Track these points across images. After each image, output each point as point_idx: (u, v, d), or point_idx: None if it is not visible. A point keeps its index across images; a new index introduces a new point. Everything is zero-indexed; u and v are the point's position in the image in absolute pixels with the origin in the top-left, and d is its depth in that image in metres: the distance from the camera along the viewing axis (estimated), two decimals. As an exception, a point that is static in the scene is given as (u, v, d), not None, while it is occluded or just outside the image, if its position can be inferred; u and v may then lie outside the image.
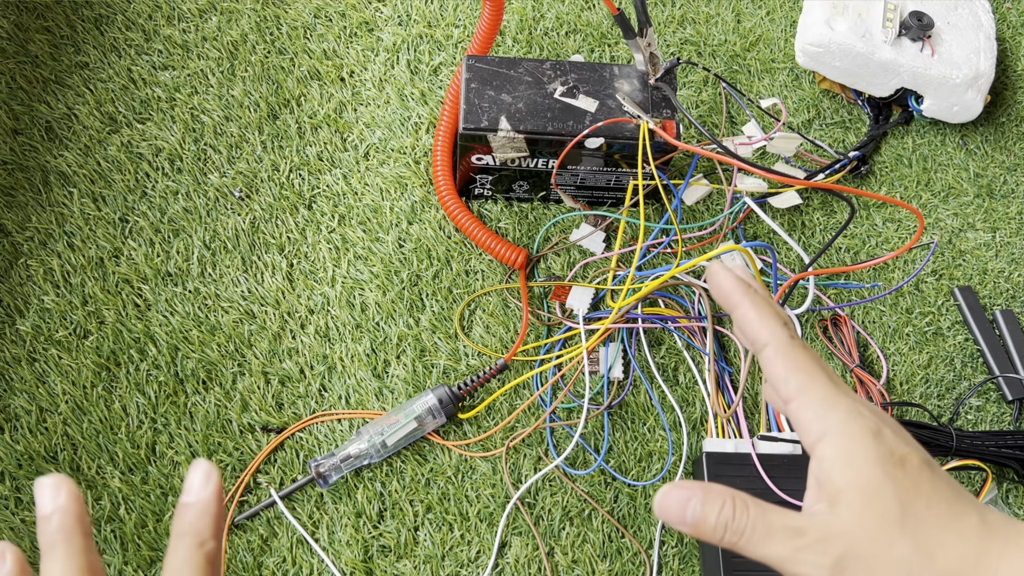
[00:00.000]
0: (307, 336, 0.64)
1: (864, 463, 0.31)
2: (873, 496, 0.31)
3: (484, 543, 0.60)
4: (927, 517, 0.31)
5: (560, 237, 0.70)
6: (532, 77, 0.63)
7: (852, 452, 0.31)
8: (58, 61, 0.71)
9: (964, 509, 0.31)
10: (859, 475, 0.31)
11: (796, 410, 0.33)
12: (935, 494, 0.31)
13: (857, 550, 0.30)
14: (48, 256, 0.65)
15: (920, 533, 0.30)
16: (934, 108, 0.75)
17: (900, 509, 0.30)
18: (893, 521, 0.30)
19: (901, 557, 0.30)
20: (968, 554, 0.30)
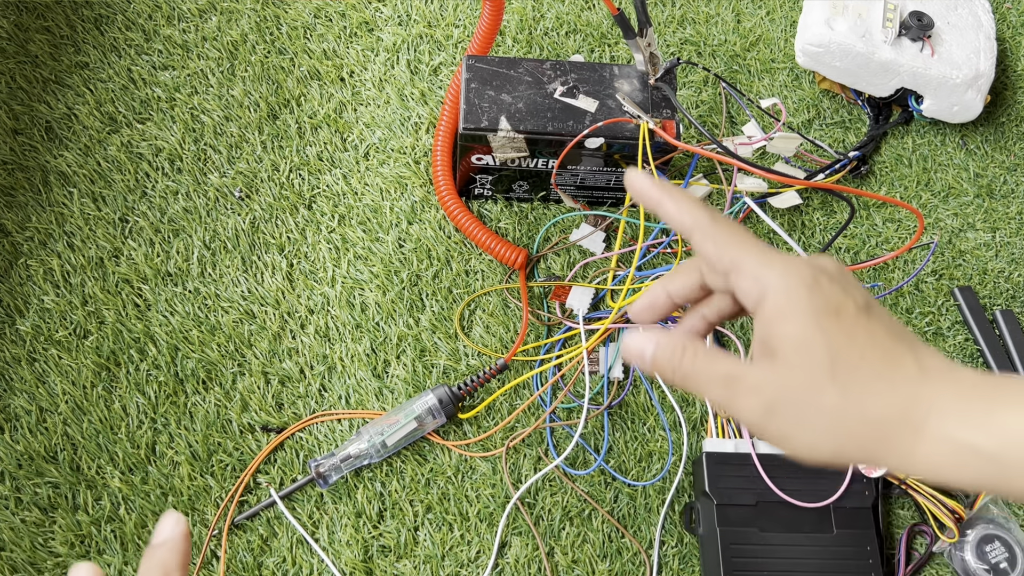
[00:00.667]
0: (307, 336, 0.64)
1: (798, 317, 0.32)
2: (805, 348, 0.32)
3: (484, 543, 0.60)
4: (859, 366, 0.31)
5: (560, 237, 0.70)
6: (532, 77, 0.63)
7: (786, 308, 0.32)
8: (58, 61, 0.71)
9: (900, 355, 0.32)
10: (793, 329, 0.32)
11: (736, 280, 0.34)
12: (870, 342, 0.32)
13: (788, 397, 0.32)
14: (48, 256, 0.65)
15: (851, 382, 0.31)
16: (934, 108, 0.75)
17: (830, 360, 0.31)
18: (823, 371, 0.31)
19: (830, 405, 0.31)
20: (898, 402, 0.31)
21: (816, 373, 0.32)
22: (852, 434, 0.32)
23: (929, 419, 0.31)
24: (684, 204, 0.36)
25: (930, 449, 0.31)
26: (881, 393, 0.31)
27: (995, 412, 0.30)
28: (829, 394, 0.31)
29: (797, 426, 0.32)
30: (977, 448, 0.30)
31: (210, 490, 0.59)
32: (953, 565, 0.61)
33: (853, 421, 0.31)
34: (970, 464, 0.30)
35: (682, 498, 0.62)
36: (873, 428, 0.31)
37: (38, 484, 0.58)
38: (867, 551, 0.58)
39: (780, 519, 0.58)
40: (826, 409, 0.32)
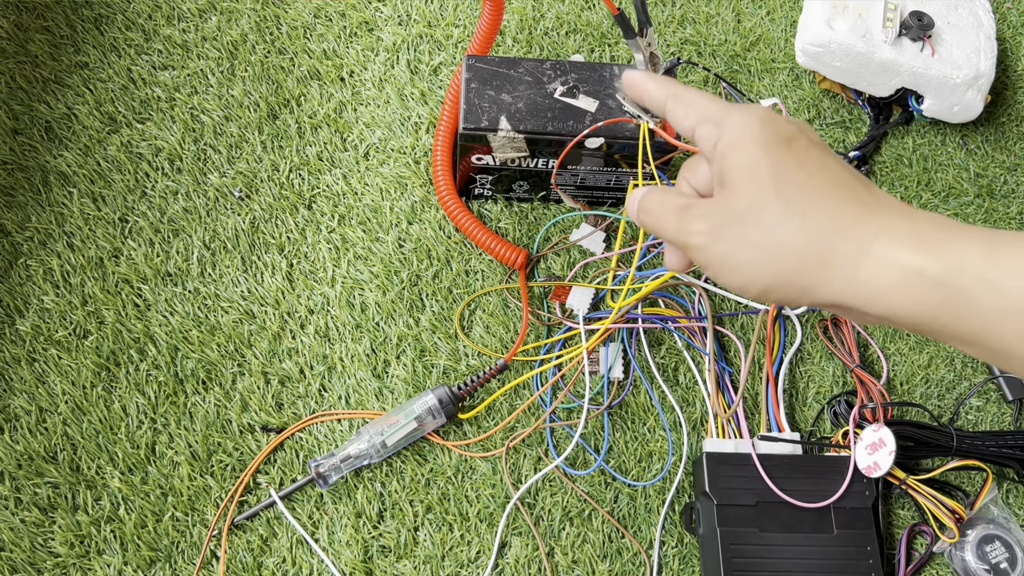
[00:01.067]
0: (307, 336, 0.64)
1: (748, 144, 0.33)
2: (752, 169, 0.32)
3: (484, 543, 0.60)
4: (807, 185, 0.32)
5: (560, 237, 0.70)
6: (532, 77, 0.63)
7: (738, 139, 0.33)
8: (58, 61, 0.71)
9: (852, 184, 0.32)
10: (741, 155, 0.33)
11: (703, 133, 0.35)
12: (820, 167, 0.32)
13: (734, 215, 0.33)
14: (48, 256, 0.65)
15: (795, 198, 0.31)
16: (934, 108, 0.75)
17: (775, 179, 0.32)
18: (768, 188, 0.32)
19: (773, 219, 0.31)
20: (845, 220, 0.31)
21: (761, 191, 0.32)
22: (794, 253, 0.31)
23: (877, 241, 0.30)
24: (663, 81, 0.38)
25: (874, 272, 0.30)
26: (826, 210, 0.31)
27: (949, 243, 0.29)
28: (772, 209, 0.31)
29: (740, 245, 0.32)
30: (924, 272, 0.29)
31: (210, 490, 0.59)
32: (953, 565, 0.61)
33: (795, 236, 0.31)
34: (914, 289, 0.29)
35: (682, 498, 0.62)
36: (816, 245, 0.31)
37: (38, 484, 0.58)
38: (867, 551, 0.58)
39: (780, 519, 0.58)
40: (769, 223, 0.32)
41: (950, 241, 0.30)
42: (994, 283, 0.28)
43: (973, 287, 0.28)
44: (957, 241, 0.29)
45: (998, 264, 0.28)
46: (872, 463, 0.59)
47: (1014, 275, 0.28)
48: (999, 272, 0.28)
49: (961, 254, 0.29)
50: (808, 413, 0.66)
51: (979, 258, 0.29)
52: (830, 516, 0.59)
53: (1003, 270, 0.28)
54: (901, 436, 0.60)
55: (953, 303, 0.29)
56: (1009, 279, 0.28)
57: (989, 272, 0.28)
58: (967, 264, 0.29)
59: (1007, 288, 0.28)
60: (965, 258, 0.29)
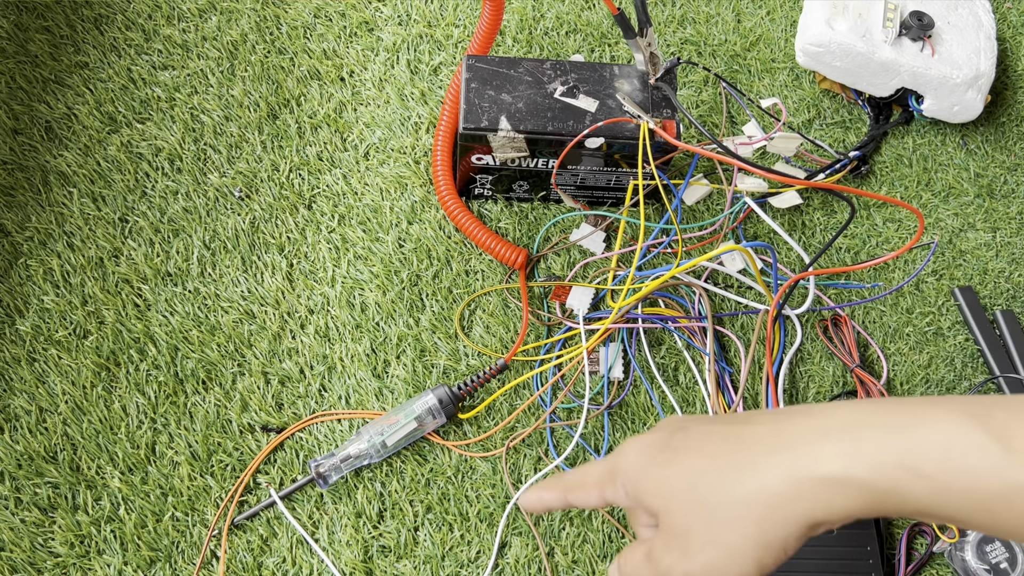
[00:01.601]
0: (307, 336, 0.64)
1: (642, 478, 0.36)
2: (661, 492, 0.35)
3: (484, 543, 0.60)
4: (708, 466, 0.34)
5: (560, 237, 0.70)
6: (532, 77, 0.63)
7: (632, 479, 0.37)
8: (58, 61, 0.71)
9: (734, 430, 0.35)
10: (645, 487, 0.36)
11: (610, 496, 0.38)
12: (704, 440, 0.35)
13: (682, 533, 0.34)
14: (48, 256, 0.65)
15: (708, 483, 0.34)
16: (934, 108, 0.75)
17: (685, 483, 0.34)
18: (683, 492, 0.34)
19: (708, 514, 0.33)
20: (759, 467, 0.33)
21: (683, 500, 0.34)
22: (748, 522, 0.33)
23: (796, 466, 0.31)
24: (550, 485, 0.40)
25: (813, 496, 0.32)
26: (738, 472, 0.33)
27: (859, 436, 0.31)
28: (704, 507, 0.33)
29: (709, 548, 0.33)
30: (851, 478, 0.31)
31: (210, 490, 0.59)
32: (953, 565, 0.61)
33: (738, 513, 0.32)
34: (854, 495, 0.31)
35: (682, 498, 0.62)
36: (758, 503, 0.32)
37: (38, 484, 0.58)
38: (867, 551, 0.58)
39: (780, 519, 0.58)
40: (713, 520, 0.33)
41: (860, 435, 0.31)
42: (915, 469, 0.30)
43: (899, 477, 0.30)
44: (866, 433, 0.31)
45: (913, 451, 0.30)
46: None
47: (930, 458, 0.29)
48: (916, 458, 0.30)
49: (875, 448, 0.30)
50: (808, 413, 0.66)
51: (892, 446, 0.30)
52: (830, 516, 0.59)
53: (920, 456, 0.30)
54: (901, 436, 0.60)
55: (891, 495, 0.30)
56: (928, 463, 0.29)
57: (908, 459, 0.30)
58: (884, 456, 0.30)
59: (930, 473, 0.29)
60: (880, 450, 0.30)
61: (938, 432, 0.29)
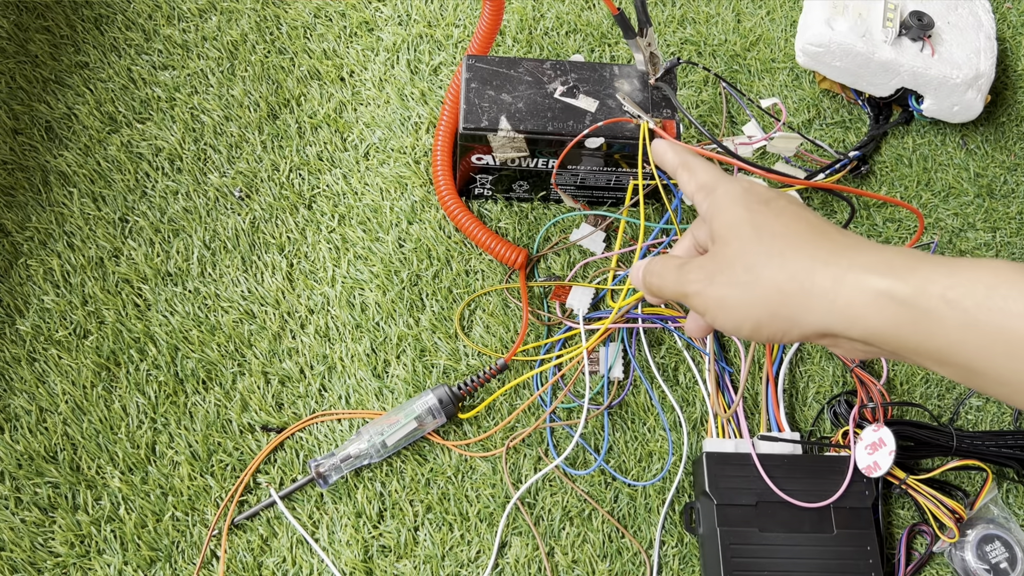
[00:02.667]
0: (307, 336, 0.64)
1: (732, 207, 0.39)
2: (736, 226, 0.38)
3: (484, 543, 0.60)
4: (783, 233, 0.37)
5: (560, 237, 0.70)
6: (532, 77, 0.63)
7: (724, 203, 0.39)
8: (58, 61, 0.71)
9: (826, 229, 0.37)
10: (727, 216, 0.39)
11: (700, 199, 0.41)
12: (795, 219, 0.38)
13: (723, 263, 0.38)
14: (48, 256, 0.65)
15: (774, 244, 0.36)
16: (934, 108, 0.75)
17: (756, 231, 0.37)
18: (750, 239, 0.37)
19: (756, 262, 0.36)
20: (821, 256, 0.35)
21: (745, 242, 0.37)
22: (777, 288, 0.35)
23: (850, 271, 0.34)
24: (679, 151, 0.45)
25: (850, 297, 0.34)
26: (803, 251, 0.36)
27: (915, 268, 0.33)
28: (755, 255, 0.37)
29: (730, 287, 0.37)
30: (892, 294, 0.33)
31: (210, 490, 0.59)
32: (953, 565, 0.61)
33: (777, 273, 0.36)
34: (886, 310, 0.33)
35: (682, 498, 0.62)
36: (796, 279, 0.35)
37: (38, 484, 0.58)
38: (867, 551, 0.58)
39: (780, 519, 0.58)
40: (753, 266, 0.36)
41: (916, 267, 0.33)
42: (956, 302, 0.31)
43: (937, 306, 0.32)
44: (922, 267, 0.33)
45: (959, 286, 0.31)
46: (872, 463, 0.59)
47: (974, 295, 0.31)
48: (960, 292, 0.31)
49: (925, 277, 0.32)
50: (808, 413, 0.66)
51: (942, 280, 0.32)
52: (830, 516, 0.59)
53: (964, 291, 0.31)
54: (901, 436, 0.60)
55: (921, 321, 0.32)
56: (969, 298, 0.31)
57: (951, 292, 0.31)
58: (930, 286, 0.32)
59: (967, 307, 0.31)
60: (929, 280, 0.32)
61: (987, 274, 0.31)
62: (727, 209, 0.39)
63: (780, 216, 0.38)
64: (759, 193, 0.39)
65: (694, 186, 0.42)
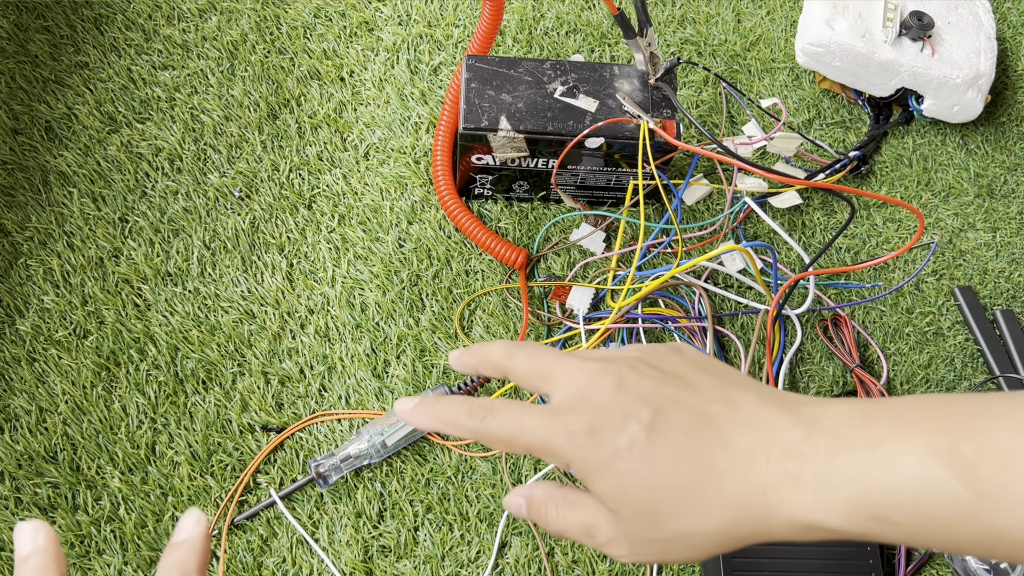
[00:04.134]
0: (307, 336, 0.64)
1: (598, 475, 0.33)
2: (622, 500, 0.33)
3: (484, 543, 0.60)
4: (676, 490, 0.32)
5: (560, 237, 0.70)
6: (532, 77, 0.63)
7: (584, 466, 0.33)
8: (58, 61, 0.71)
9: (710, 450, 0.32)
10: (601, 487, 0.33)
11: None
12: (671, 456, 0.32)
13: (639, 540, 0.33)
14: (48, 256, 0.65)
15: (678, 508, 0.32)
16: (934, 108, 0.75)
17: (646, 500, 0.32)
18: (652, 513, 0.33)
19: (676, 532, 0.32)
20: (732, 502, 0.31)
21: (648, 516, 0.32)
22: (711, 541, 0.32)
23: (769, 508, 0.31)
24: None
25: (786, 533, 0.31)
26: (711, 501, 0.32)
27: (830, 481, 0.30)
28: (667, 528, 0.32)
29: (665, 553, 0.33)
30: (825, 527, 0.30)
31: (210, 490, 0.59)
32: (953, 565, 0.61)
33: (702, 535, 0.32)
34: (824, 536, 0.31)
35: (682, 498, 0.62)
36: (722, 534, 0.32)
37: (38, 484, 0.58)
38: (867, 551, 0.58)
39: (780, 519, 0.58)
40: (676, 537, 0.32)
41: (829, 476, 0.30)
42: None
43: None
44: (836, 475, 0.30)
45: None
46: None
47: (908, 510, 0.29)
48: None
49: (852, 495, 0.30)
50: (808, 413, 0.66)
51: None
52: (830, 516, 0.59)
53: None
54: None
55: (881, 533, 0.30)
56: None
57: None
58: (861, 504, 0.29)
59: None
60: (857, 497, 0.30)
61: (908, 480, 0.29)
62: (594, 477, 0.33)
63: (655, 463, 0.32)
64: (609, 433, 0.32)
65: (523, 444, 0.35)
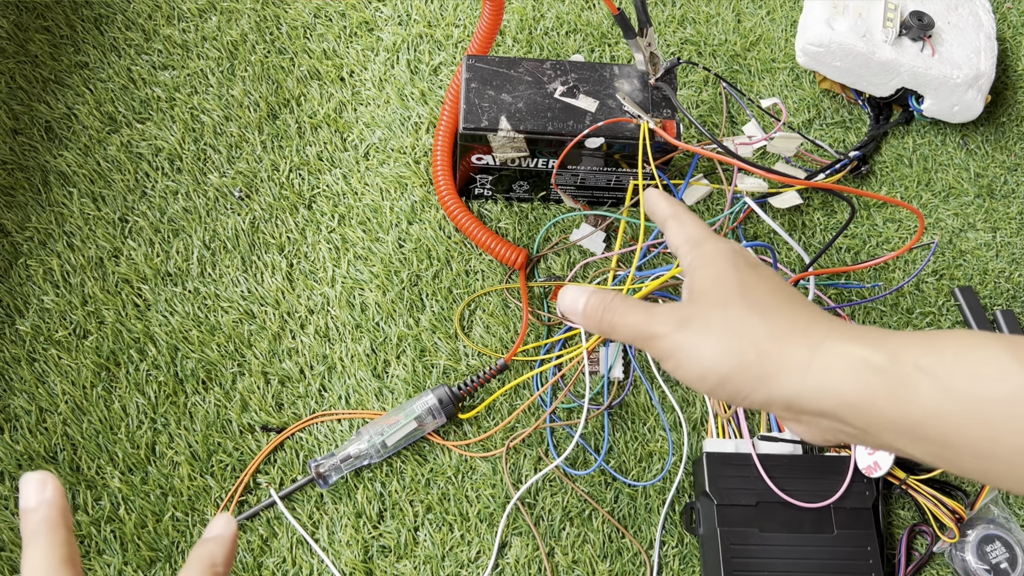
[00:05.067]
0: (307, 336, 0.64)
1: (719, 262, 0.38)
2: (720, 280, 0.37)
3: (484, 543, 0.60)
4: (766, 297, 0.36)
5: (560, 237, 0.70)
6: (532, 77, 0.63)
7: (711, 258, 0.39)
8: (58, 61, 0.71)
9: (806, 302, 0.37)
10: (713, 270, 0.38)
11: (683, 251, 0.41)
12: (779, 287, 0.37)
13: (699, 311, 0.37)
14: (48, 256, 0.65)
15: (757, 304, 0.36)
16: (934, 108, 0.75)
17: (741, 288, 0.37)
18: (735, 294, 0.37)
19: (738, 316, 0.36)
20: (800, 323, 0.35)
21: (728, 296, 0.36)
22: (756, 344, 0.34)
23: (827, 339, 0.34)
24: (672, 203, 0.44)
25: (824, 363, 0.33)
26: (784, 315, 0.35)
27: (889, 337, 0.33)
28: (737, 309, 0.36)
29: (703, 335, 0.36)
30: (868, 361, 0.32)
31: (210, 490, 0.59)
32: (953, 565, 0.61)
33: (758, 330, 0.35)
34: (860, 377, 0.32)
35: (682, 498, 0.62)
36: (776, 339, 0.34)
37: (38, 484, 0.58)
38: (867, 551, 0.58)
39: (780, 519, 0.58)
40: (734, 319, 0.36)
41: (889, 337, 0.33)
42: (928, 369, 0.31)
43: (911, 373, 0.31)
44: (895, 337, 0.33)
45: (932, 352, 0.31)
46: (872, 463, 0.59)
47: (943, 362, 0.31)
48: (933, 359, 0.31)
49: (899, 345, 0.32)
50: (808, 413, 0.66)
51: (915, 348, 0.32)
52: (830, 516, 0.59)
53: (936, 358, 0.31)
54: (901, 436, 0.60)
55: (897, 390, 0.31)
56: (941, 365, 0.31)
57: (924, 359, 0.31)
58: (904, 354, 0.32)
59: (940, 374, 0.31)
60: (902, 348, 0.32)
61: (956, 341, 0.31)
62: (714, 263, 0.38)
63: (765, 281, 0.37)
64: (747, 257, 0.39)
65: (682, 238, 0.42)
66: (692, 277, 0.39)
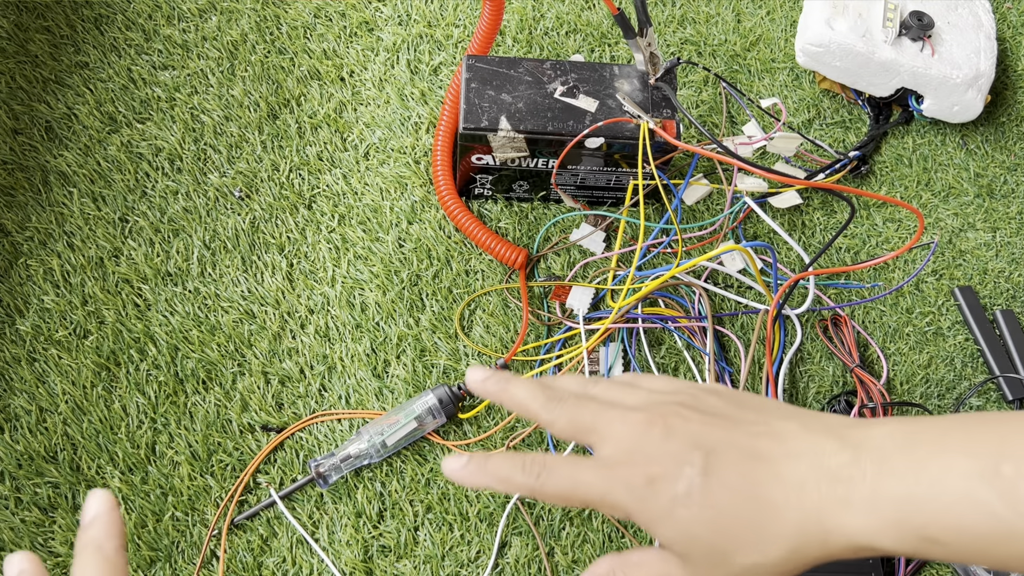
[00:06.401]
0: (307, 336, 0.64)
1: (661, 523, 0.35)
2: (691, 545, 0.34)
3: (484, 543, 0.60)
4: (737, 532, 0.34)
5: (560, 237, 0.70)
6: (532, 77, 0.63)
7: (646, 517, 0.35)
8: (58, 61, 0.71)
9: (765, 487, 0.34)
10: (667, 533, 0.35)
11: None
12: (730, 498, 0.34)
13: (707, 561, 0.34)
14: (48, 256, 0.65)
15: (741, 547, 0.34)
16: (934, 108, 0.75)
17: (711, 542, 0.34)
18: (719, 555, 0.34)
19: (743, 569, 0.34)
20: (789, 537, 0.33)
21: (715, 554, 0.34)
22: (778, 569, 0.33)
23: (826, 532, 0.32)
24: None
25: (844, 553, 0.33)
26: (773, 533, 0.33)
27: (879, 504, 0.31)
28: (735, 563, 0.33)
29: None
30: (878, 548, 0.32)
31: (210, 490, 0.59)
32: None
33: (769, 565, 0.33)
34: (880, 554, 0.32)
35: (682, 498, 0.62)
36: (787, 561, 0.33)
37: (38, 484, 0.58)
38: (867, 551, 0.58)
39: (780, 519, 0.58)
40: (744, 572, 0.33)
41: (878, 495, 0.32)
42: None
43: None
44: (884, 492, 0.31)
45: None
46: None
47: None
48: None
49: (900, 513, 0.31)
50: (808, 413, 0.66)
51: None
52: (830, 516, 0.59)
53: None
54: (901, 436, 0.59)
55: (924, 550, 0.31)
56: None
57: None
58: (901, 524, 0.31)
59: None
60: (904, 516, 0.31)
61: (953, 502, 0.30)
62: (658, 525, 0.35)
63: (716, 505, 0.33)
64: (669, 482, 0.34)
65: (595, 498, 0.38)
66: (656, 537, 0.35)
